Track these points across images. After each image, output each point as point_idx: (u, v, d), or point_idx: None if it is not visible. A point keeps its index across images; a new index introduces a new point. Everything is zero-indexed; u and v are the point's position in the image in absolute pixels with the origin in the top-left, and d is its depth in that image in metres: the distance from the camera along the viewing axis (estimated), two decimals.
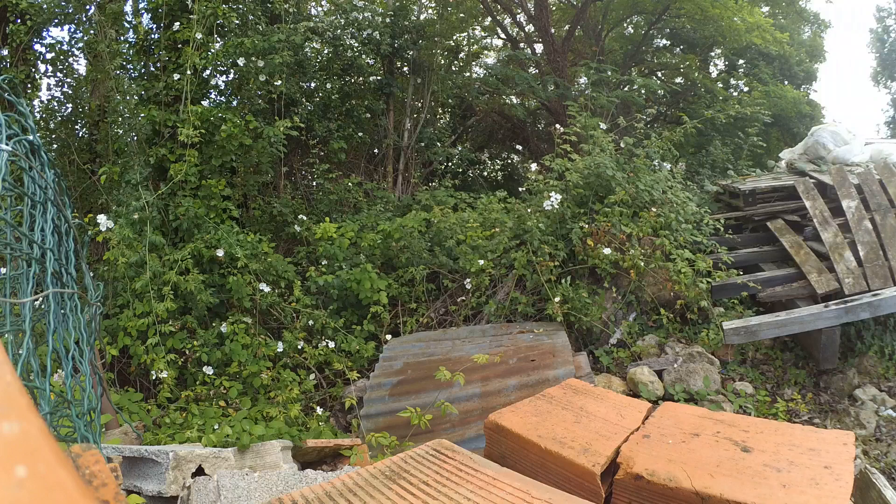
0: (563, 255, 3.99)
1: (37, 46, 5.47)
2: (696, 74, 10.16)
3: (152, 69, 5.05)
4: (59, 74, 5.64)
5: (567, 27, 9.20)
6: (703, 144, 7.77)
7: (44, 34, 5.45)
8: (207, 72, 4.94)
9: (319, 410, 3.47)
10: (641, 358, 3.74)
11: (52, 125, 5.58)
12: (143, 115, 4.52)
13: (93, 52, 5.05)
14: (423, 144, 7.59)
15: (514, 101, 9.56)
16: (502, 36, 10.62)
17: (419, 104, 7.96)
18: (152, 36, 5.07)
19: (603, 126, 4.70)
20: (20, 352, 1.18)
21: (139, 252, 3.74)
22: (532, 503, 0.84)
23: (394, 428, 2.74)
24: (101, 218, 3.43)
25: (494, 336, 3.60)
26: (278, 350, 3.76)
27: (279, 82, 5.24)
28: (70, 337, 1.60)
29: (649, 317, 4.04)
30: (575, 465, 0.99)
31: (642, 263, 3.80)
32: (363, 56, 6.82)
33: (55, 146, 5.45)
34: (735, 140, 7.09)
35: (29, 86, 5.44)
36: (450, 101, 8.92)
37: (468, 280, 4.27)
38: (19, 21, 5.14)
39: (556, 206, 4.01)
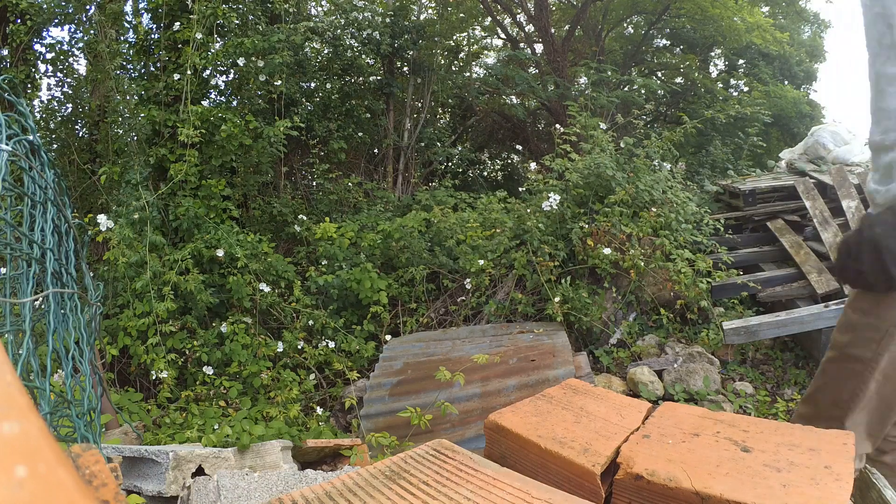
0: (563, 255, 3.99)
1: (37, 46, 5.48)
2: (696, 74, 10.17)
3: (152, 69, 5.05)
4: (59, 74, 5.65)
5: (567, 27, 9.20)
6: (703, 144, 7.77)
7: (44, 34, 5.45)
8: (207, 72, 4.94)
9: (319, 410, 3.46)
10: (641, 358, 3.74)
11: (52, 125, 5.59)
12: (143, 115, 4.52)
13: (93, 52, 5.05)
14: (423, 144, 7.60)
15: (514, 101, 9.57)
16: (502, 36, 10.62)
17: (419, 104, 7.96)
18: (152, 36, 5.07)
19: (603, 126, 4.70)
20: (20, 352, 1.18)
21: (139, 252, 3.74)
22: (532, 503, 0.84)
23: (394, 428, 2.74)
24: (101, 218, 3.44)
25: (494, 336, 3.60)
26: (278, 350, 3.76)
27: (279, 82, 5.24)
28: (70, 337, 1.60)
29: (649, 317, 4.04)
30: (575, 465, 0.99)
31: (642, 263, 3.80)
32: (363, 56, 6.82)
33: (55, 146, 5.45)
34: (735, 140, 7.09)
35: (29, 86, 5.44)
36: (450, 101, 8.93)
37: (468, 280, 4.27)
38: (19, 21, 5.15)
39: (555, 207, 4.01)
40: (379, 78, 7.34)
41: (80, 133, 5.77)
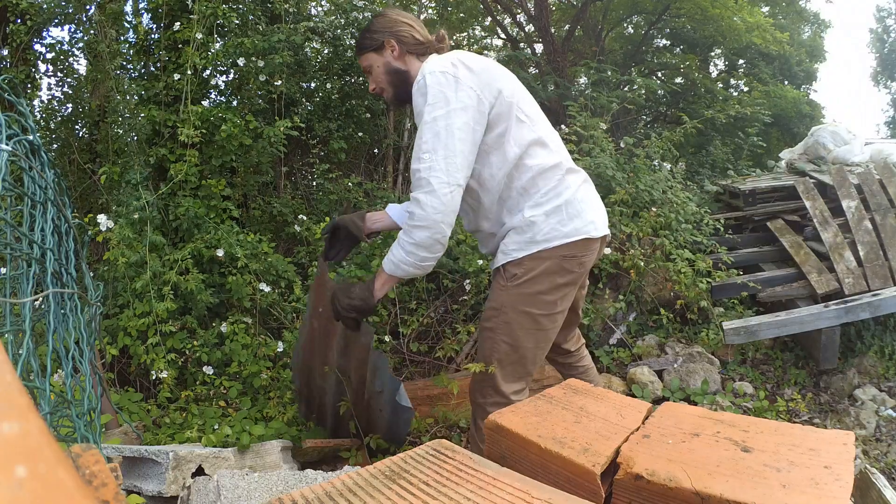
0: None
1: (37, 46, 5.48)
2: (696, 74, 10.15)
3: (152, 69, 5.05)
4: (59, 74, 5.64)
5: (567, 27, 9.19)
6: (703, 144, 7.76)
7: (44, 34, 5.45)
8: (207, 72, 4.94)
9: None
10: (641, 358, 3.74)
11: (52, 125, 5.58)
12: (143, 115, 4.51)
13: (93, 52, 5.05)
14: None
15: None
16: (502, 36, 10.61)
17: None
18: (152, 36, 5.07)
19: (603, 126, 4.70)
20: (20, 352, 1.18)
21: (139, 252, 3.73)
22: (532, 503, 0.84)
23: None
24: (101, 218, 3.43)
25: None
26: (278, 350, 3.76)
27: (279, 82, 5.24)
28: (70, 337, 1.60)
29: (649, 317, 4.04)
30: (575, 465, 0.99)
31: (642, 263, 3.80)
32: None
33: (55, 146, 5.45)
34: (735, 140, 7.09)
35: (29, 86, 5.44)
36: None
37: (468, 280, 4.26)
38: (19, 21, 5.15)
39: None
40: None
41: (80, 133, 5.77)
